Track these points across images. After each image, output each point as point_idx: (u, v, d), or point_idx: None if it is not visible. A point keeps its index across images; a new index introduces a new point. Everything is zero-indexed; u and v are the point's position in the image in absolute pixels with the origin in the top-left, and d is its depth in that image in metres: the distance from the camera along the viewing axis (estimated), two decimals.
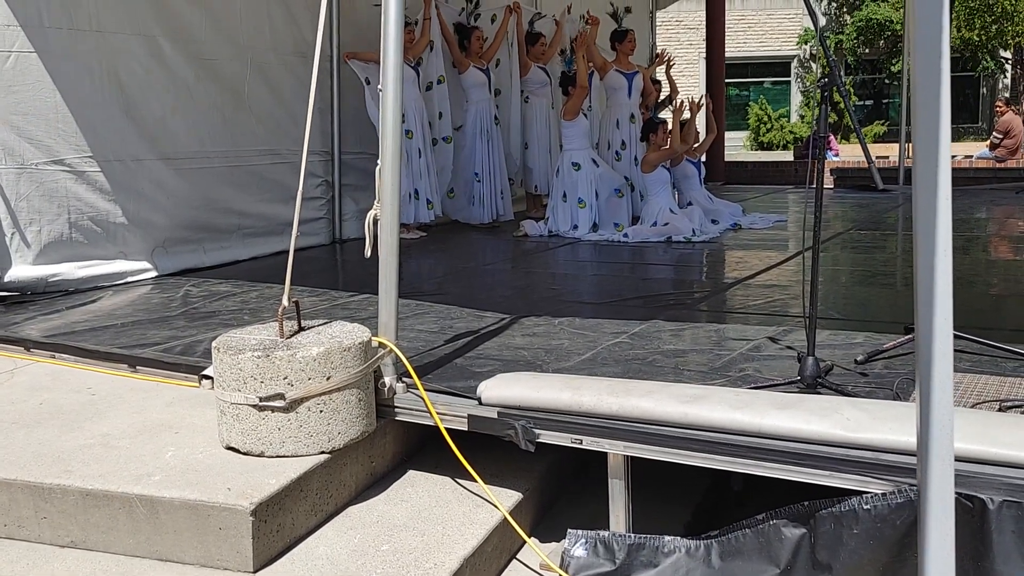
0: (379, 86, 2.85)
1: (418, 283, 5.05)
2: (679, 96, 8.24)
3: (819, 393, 2.74)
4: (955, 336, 3.13)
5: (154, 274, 5.24)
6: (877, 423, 2.28)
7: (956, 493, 2.04)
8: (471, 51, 7.61)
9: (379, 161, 2.84)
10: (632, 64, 8.08)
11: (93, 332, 3.87)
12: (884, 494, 2.15)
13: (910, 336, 2.95)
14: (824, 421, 2.32)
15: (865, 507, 2.15)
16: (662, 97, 8.57)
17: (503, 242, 6.94)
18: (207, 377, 3.22)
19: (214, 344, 2.73)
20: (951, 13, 3.39)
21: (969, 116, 26.44)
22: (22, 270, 4.64)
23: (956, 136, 24.04)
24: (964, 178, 11.06)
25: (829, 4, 26.83)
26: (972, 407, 2.60)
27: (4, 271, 4.57)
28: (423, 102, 7.14)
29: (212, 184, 5.78)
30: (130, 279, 5.11)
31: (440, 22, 7.41)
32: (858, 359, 3.11)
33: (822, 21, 26.26)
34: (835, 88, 2.88)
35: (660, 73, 8.99)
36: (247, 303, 4.44)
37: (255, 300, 4.51)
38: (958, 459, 2.08)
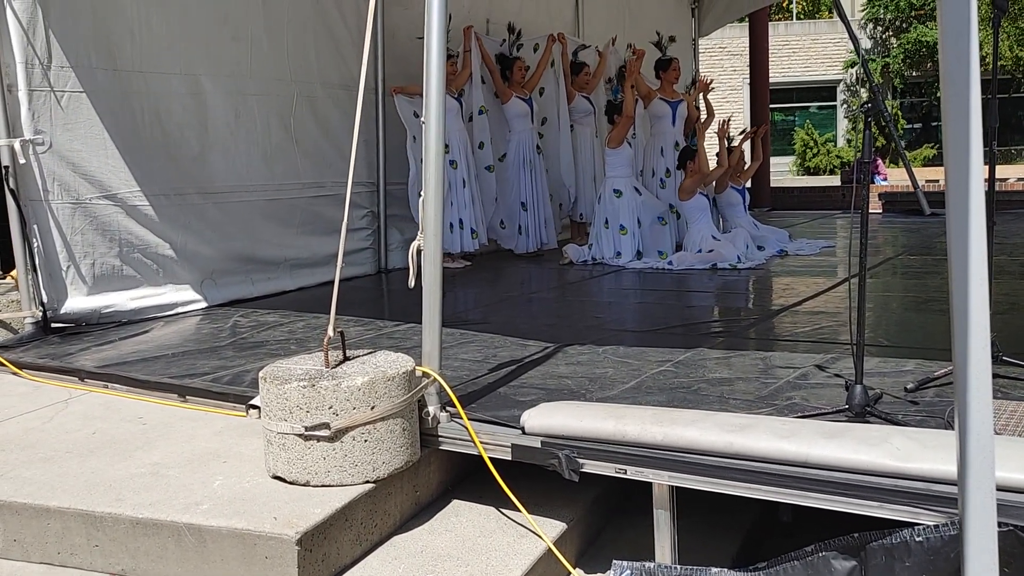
0: (422, 118, 2.89)
1: (462, 312, 5.08)
2: (714, 119, 8.20)
3: (868, 422, 2.69)
4: (1011, 363, 3.10)
5: (203, 305, 5.34)
6: (928, 452, 2.24)
7: (1011, 526, 2.00)
8: (513, 81, 7.67)
9: (422, 192, 2.87)
10: (676, 92, 8.09)
11: (144, 362, 3.95)
12: (936, 526, 2.10)
13: None
14: (873, 451, 2.28)
15: (917, 539, 2.11)
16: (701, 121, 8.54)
17: (547, 271, 6.95)
18: (254, 407, 3.26)
19: (261, 374, 2.77)
20: (999, 33, 3.33)
21: (1022, 138, 25.95)
22: (77, 302, 4.76)
23: (1008, 158, 23.59)
24: (1018, 201, 10.83)
25: (875, 27, 26.59)
26: None
27: (60, 303, 4.69)
28: (466, 133, 7.21)
29: (258, 217, 5.88)
30: (180, 310, 5.21)
31: (482, 52, 7.49)
32: (908, 387, 3.05)
33: (866, 44, 26.00)
34: (879, 113, 2.84)
35: (701, 99, 8.97)
36: (294, 333, 4.49)
37: (302, 330, 4.56)
38: (1012, 489, 2.03)
